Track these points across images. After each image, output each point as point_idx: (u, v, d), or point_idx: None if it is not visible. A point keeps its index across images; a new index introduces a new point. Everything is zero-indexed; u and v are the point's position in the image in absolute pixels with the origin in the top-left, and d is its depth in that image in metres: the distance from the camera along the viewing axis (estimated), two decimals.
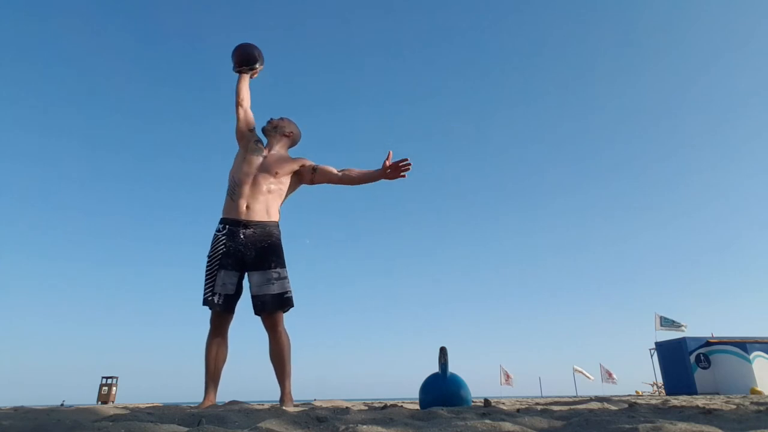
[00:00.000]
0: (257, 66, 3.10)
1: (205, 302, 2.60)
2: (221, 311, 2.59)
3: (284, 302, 2.58)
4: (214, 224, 2.74)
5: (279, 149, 2.92)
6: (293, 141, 3.02)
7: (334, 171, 2.83)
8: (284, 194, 2.84)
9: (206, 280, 2.63)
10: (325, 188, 2.97)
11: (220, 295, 2.57)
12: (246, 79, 3.04)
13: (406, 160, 2.68)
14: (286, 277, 2.63)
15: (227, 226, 2.66)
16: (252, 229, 2.64)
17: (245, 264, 2.62)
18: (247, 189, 2.70)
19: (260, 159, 2.80)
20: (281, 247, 2.70)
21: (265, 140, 2.97)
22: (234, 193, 2.72)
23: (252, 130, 2.94)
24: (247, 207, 2.67)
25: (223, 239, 2.64)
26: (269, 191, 2.74)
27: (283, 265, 2.65)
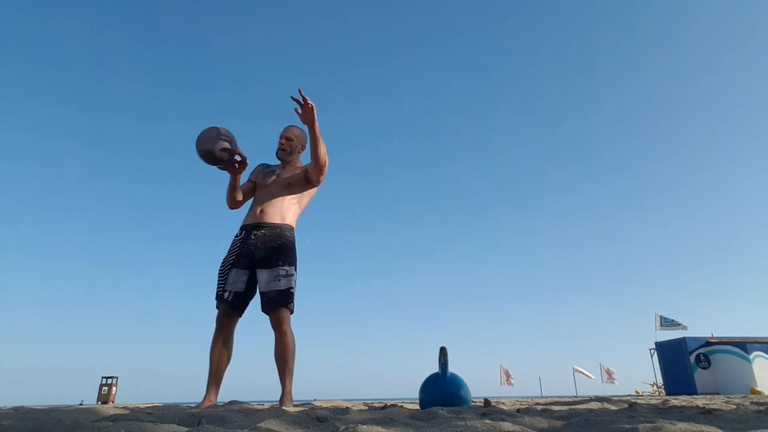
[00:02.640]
0: (236, 158, 2.70)
1: (217, 297, 2.67)
2: (229, 308, 2.64)
3: (287, 299, 2.62)
4: (214, 223, 2.85)
5: (294, 162, 2.97)
6: (303, 148, 3.03)
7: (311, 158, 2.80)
8: (302, 202, 2.91)
9: (219, 278, 2.71)
10: (325, 189, 2.98)
11: (230, 292, 2.64)
12: (236, 179, 2.83)
13: (296, 97, 2.57)
14: (293, 275, 2.68)
15: (243, 231, 2.78)
16: (263, 231, 2.73)
17: (255, 262, 2.69)
18: (263, 198, 2.83)
19: (274, 176, 2.90)
20: (292, 249, 2.76)
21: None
22: (252, 204, 2.89)
23: (255, 180, 2.97)
24: (261, 211, 2.78)
25: (239, 242, 2.75)
26: (284, 199, 2.82)
27: (291, 264, 2.70)
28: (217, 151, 2.63)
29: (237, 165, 2.76)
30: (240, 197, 2.90)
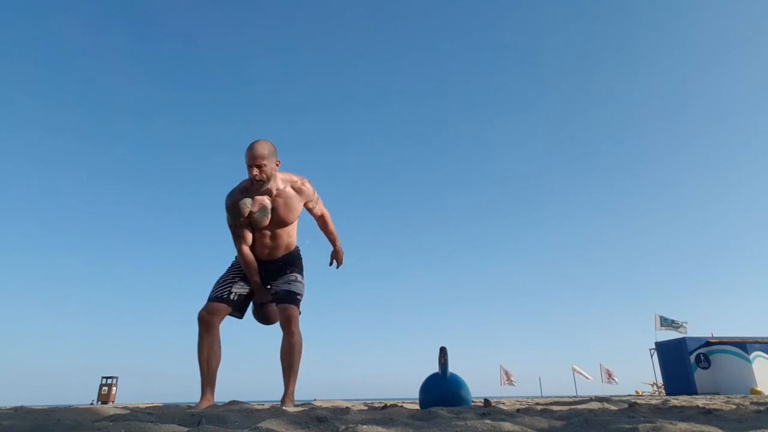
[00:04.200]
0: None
1: (215, 298, 2.63)
2: (223, 303, 2.63)
3: (295, 300, 2.70)
4: (215, 224, 2.79)
5: (276, 184, 2.62)
6: (279, 164, 2.61)
7: (317, 214, 2.91)
8: (297, 217, 2.86)
9: (222, 282, 2.72)
10: (325, 188, 2.98)
11: (235, 293, 2.68)
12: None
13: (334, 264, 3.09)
14: (301, 282, 2.79)
15: None
16: (273, 264, 2.80)
17: (264, 281, 2.79)
18: (267, 241, 2.71)
19: (269, 216, 2.63)
20: (300, 261, 2.87)
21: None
22: (255, 243, 2.69)
23: (247, 217, 2.62)
24: (269, 253, 2.77)
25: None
26: (287, 235, 2.78)
27: (299, 272, 2.81)
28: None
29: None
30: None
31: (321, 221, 2.96)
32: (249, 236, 2.66)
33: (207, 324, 2.58)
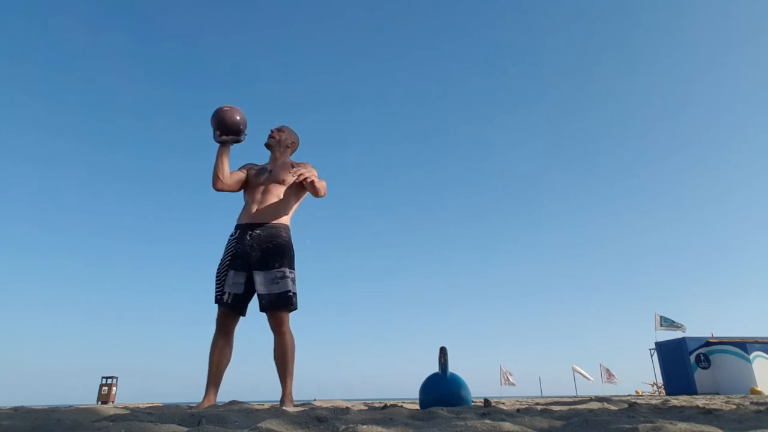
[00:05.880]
0: (242, 137, 2.83)
1: (217, 300, 2.67)
2: (229, 310, 2.65)
3: (286, 301, 2.61)
4: (214, 223, 2.82)
5: (282, 158, 2.99)
6: (294, 149, 3.10)
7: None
8: (299, 197, 2.89)
9: (217, 280, 2.70)
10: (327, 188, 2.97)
11: (229, 294, 2.65)
12: (228, 152, 2.80)
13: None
14: (290, 277, 2.65)
15: (239, 231, 2.76)
16: (259, 231, 2.71)
17: (251, 264, 2.67)
18: (257, 197, 2.81)
19: (267, 174, 2.88)
20: (289, 248, 2.74)
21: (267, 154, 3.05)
22: (246, 203, 2.86)
23: (246, 178, 2.91)
24: (256, 211, 2.76)
25: (234, 242, 2.74)
26: (278, 196, 2.81)
27: (288, 265, 2.68)
28: (239, 127, 2.77)
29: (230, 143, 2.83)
30: (228, 175, 2.80)
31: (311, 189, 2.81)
32: (234, 174, 2.86)
33: (224, 326, 2.65)
